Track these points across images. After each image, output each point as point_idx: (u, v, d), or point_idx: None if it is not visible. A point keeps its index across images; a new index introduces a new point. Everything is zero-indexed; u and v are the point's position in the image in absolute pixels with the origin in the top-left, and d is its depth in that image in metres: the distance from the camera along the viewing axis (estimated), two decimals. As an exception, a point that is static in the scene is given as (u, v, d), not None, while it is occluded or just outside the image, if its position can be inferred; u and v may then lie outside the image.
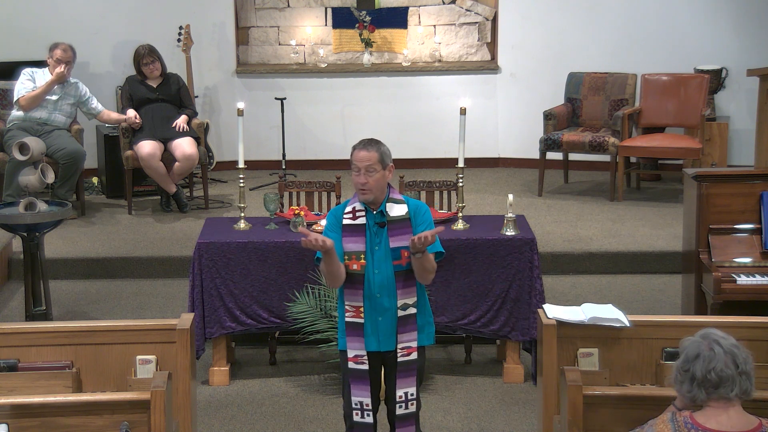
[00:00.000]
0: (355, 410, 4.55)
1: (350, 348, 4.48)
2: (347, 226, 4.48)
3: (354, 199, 4.57)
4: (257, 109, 9.32)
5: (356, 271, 4.43)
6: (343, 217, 4.51)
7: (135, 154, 8.17)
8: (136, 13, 9.30)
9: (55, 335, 4.42)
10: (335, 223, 4.51)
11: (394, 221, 4.48)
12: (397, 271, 4.45)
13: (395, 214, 4.48)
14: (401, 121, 9.62)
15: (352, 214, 4.51)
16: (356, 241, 4.45)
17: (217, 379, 5.93)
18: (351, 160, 4.51)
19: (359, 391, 4.51)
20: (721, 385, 3.39)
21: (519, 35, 9.53)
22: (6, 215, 6.19)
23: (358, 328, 4.46)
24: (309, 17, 9.83)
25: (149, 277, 7.32)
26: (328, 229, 4.54)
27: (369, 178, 4.45)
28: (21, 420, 3.89)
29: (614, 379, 4.45)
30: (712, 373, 3.39)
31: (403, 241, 4.43)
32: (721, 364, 3.39)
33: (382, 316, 4.46)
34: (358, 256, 4.44)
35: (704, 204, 5.77)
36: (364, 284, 4.44)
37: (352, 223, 4.48)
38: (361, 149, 4.50)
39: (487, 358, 6.24)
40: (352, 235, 4.47)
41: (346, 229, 4.48)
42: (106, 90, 8.97)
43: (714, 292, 5.57)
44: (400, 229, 4.47)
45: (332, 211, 4.61)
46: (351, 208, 4.53)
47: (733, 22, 9.23)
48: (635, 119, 8.82)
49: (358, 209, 4.51)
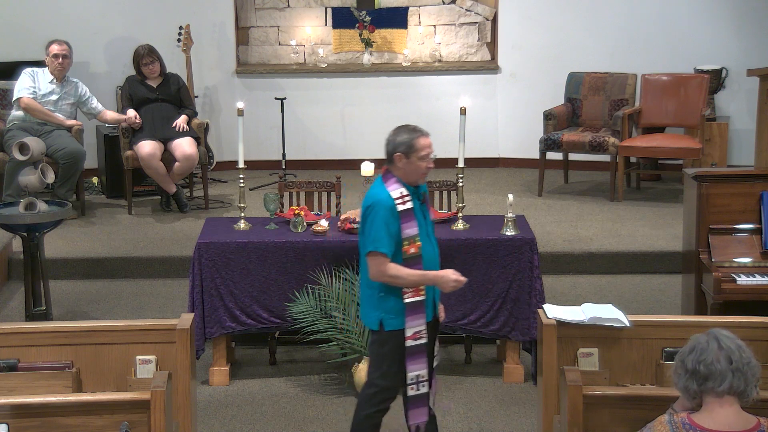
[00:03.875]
0: (410, 385, 4.63)
1: (410, 327, 4.58)
2: (402, 212, 4.57)
3: (393, 185, 4.61)
4: (257, 109, 9.32)
5: (414, 254, 4.56)
6: (395, 204, 4.57)
7: (135, 154, 8.17)
8: (136, 12, 9.30)
9: (55, 335, 4.43)
10: (389, 214, 4.55)
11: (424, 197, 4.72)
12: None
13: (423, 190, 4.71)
14: (401, 121, 9.46)
15: (401, 199, 4.58)
16: (411, 225, 4.57)
17: (217, 379, 5.93)
18: (416, 147, 4.61)
19: (417, 365, 4.62)
20: (710, 378, 3.41)
21: (519, 35, 9.53)
22: (6, 215, 6.18)
23: (419, 305, 4.58)
24: (309, 17, 9.83)
25: (149, 277, 7.32)
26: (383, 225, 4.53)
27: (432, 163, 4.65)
28: (21, 420, 3.89)
29: (614, 379, 4.45)
30: (701, 365, 3.42)
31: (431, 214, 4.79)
32: (712, 358, 3.41)
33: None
34: (415, 240, 4.57)
35: (704, 204, 5.78)
36: (424, 264, 4.58)
37: (404, 208, 4.58)
38: (426, 136, 4.67)
39: (487, 358, 6.24)
40: (407, 220, 4.57)
41: (402, 216, 4.57)
42: (106, 90, 8.97)
43: (714, 292, 5.57)
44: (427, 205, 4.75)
45: (381, 202, 4.57)
46: (399, 194, 4.59)
47: (733, 22, 9.23)
48: (635, 119, 8.82)
49: (405, 194, 4.60)
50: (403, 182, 4.61)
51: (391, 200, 4.55)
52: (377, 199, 4.57)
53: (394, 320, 4.60)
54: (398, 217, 4.54)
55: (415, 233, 4.56)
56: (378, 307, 4.62)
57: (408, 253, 4.56)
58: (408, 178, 4.62)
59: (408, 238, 4.56)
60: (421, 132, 4.66)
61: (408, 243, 4.56)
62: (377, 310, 4.62)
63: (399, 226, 4.54)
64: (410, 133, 4.64)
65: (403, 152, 4.60)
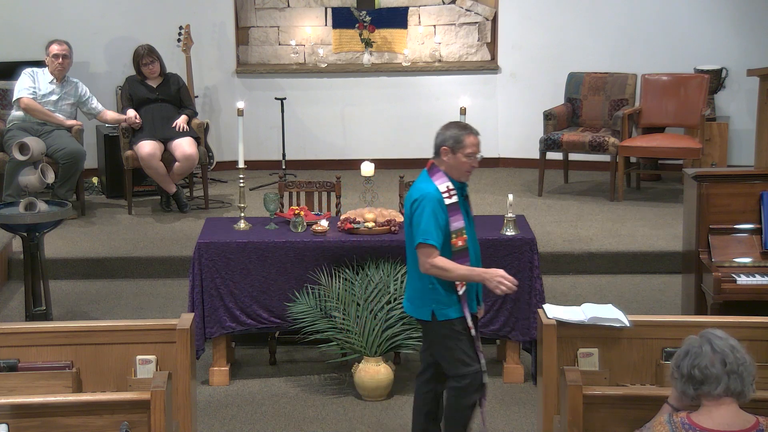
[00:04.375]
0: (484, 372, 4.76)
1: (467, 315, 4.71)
2: (449, 205, 4.66)
3: (440, 179, 4.68)
4: (257, 109, 9.32)
5: (461, 247, 4.65)
6: (443, 197, 4.65)
7: (135, 154, 8.17)
8: (136, 13, 9.29)
9: (55, 335, 4.43)
10: (438, 207, 4.63)
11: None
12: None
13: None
14: (401, 121, 9.62)
15: (447, 193, 4.66)
16: (459, 218, 4.66)
17: (217, 379, 5.93)
18: (463, 143, 4.65)
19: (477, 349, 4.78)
20: (705, 383, 3.42)
21: (519, 35, 9.53)
22: (6, 215, 6.18)
23: (464, 297, 4.69)
24: (309, 17, 9.82)
25: (149, 277, 7.31)
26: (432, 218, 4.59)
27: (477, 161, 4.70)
28: (21, 420, 3.89)
29: (614, 379, 4.45)
30: (695, 370, 3.43)
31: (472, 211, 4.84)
32: (706, 362, 3.42)
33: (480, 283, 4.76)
34: (461, 232, 4.66)
35: (704, 204, 5.77)
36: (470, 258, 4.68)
37: (451, 202, 4.66)
38: (475, 135, 4.69)
39: (487, 358, 6.21)
40: (454, 213, 4.66)
41: (449, 209, 4.66)
42: (106, 90, 8.97)
43: (714, 292, 5.57)
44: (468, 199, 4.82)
45: (430, 194, 4.64)
46: (445, 188, 4.68)
47: (733, 22, 9.23)
48: (635, 119, 8.82)
49: (451, 188, 4.68)
50: (449, 176, 4.67)
51: (439, 193, 4.64)
52: (425, 192, 4.64)
53: (446, 311, 4.69)
54: (446, 209, 4.62)
55: (462, 226, 4.65)
56: (429, 299, 4.71)
57: (456, 246, 4.65)
58: (452, 173, 4.68)
59: (456, 231, 4.65)
60: (470, 130, 4.68)
61: (456, 236, 4.65)
62: (429, 301, 4.70)
63: (447, 218, 4.62)
64: (459, 130, 4.67)
65: (450, 147, 4.65)
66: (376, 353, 5.70)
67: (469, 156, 4.64)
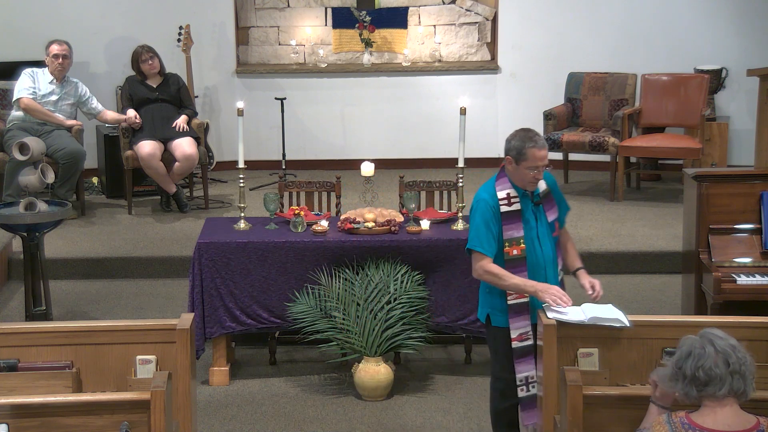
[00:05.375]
0: (520, 386, 4.68)
1: (514, 328, 4.64)
2: (505, 214, 4.60)
3: (503, 184, 4.65)
4: (257, 109, 9.32)
5: (517, 256, 4.60)
6: (499, 205, 4.60)
7: (135, 154, 8.17)
8: (136, 13, 9.29)
9: (55, 335, 4.42)
10: (491, 215, 4.60)
11: (544, 196, 4.70)
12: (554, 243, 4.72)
13: (542, 190, 4.70)
14: (401, 121, 9.62)
15: (507, 200, 4.61)
16: (515, 227, 4.61)
17: (217, 379, 5.93)
18: (521, 155, 4.58)
19: (525, 366, 4.67)
20: (710, 384, 3.41)
21: (519, 35, 9.53)
22: (6, 215, 6.18)
23: (523, 307, 4.62)
24: (309, 17, 9.82)
25: (149, 277, 7.31)
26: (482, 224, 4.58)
27: (542, 173, 4.61)
28: (21, 420, 3.89)
29: (614, 379, 4.44)
30: (700, 372, 3.42)
31: (553, 214, 4.69)
32: (710, 363, 3.41)
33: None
34: (518, 242, 4.60)
35: (704, 204, 5.77)
36: (528, 266, 4.61)
37: (509, 210, 4.61)
38: (540, 148, 4.60)
39: (487, 358, 6.22)
40: (510, 222, 4.60)
41: (504, 217, 4.60)
42: (106, 90, 8.97)
43: (714, 292, 5.57)
44: (549, 203, 4.71)
45: (484, 201, 4.63)
46: (505, 194, 4.63)
47: (733, 22, 9.23)
48: (635, 119, 8.82)
49: (513, 195, 4.62)
50: (513, 183, 4.64)
51: (495, 200, 4.60)
52: (481, 197, 4.63)
53: (499, 317, 4.69)
54: (500, 218, 4.59)
55: (518, 235, 4.59)
56: (485, 303, 4.73)
57: (510, 254, 4.61)
58: (516, 181, 4.64)
59: (510, 240, 4.60)
60: (535, 143, 4.60)
61: (510, 245, 4.60)
62: (485, 304, 4.72)
63: (500, 227, 4.58)
64: (524, 141, 4.61)
65: (513, 157, 4.62)
66: (376, 353, 5.70)
67: (531, 168, 4.58)
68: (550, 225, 4.71)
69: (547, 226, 4.70)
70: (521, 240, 4.61)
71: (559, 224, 4.79)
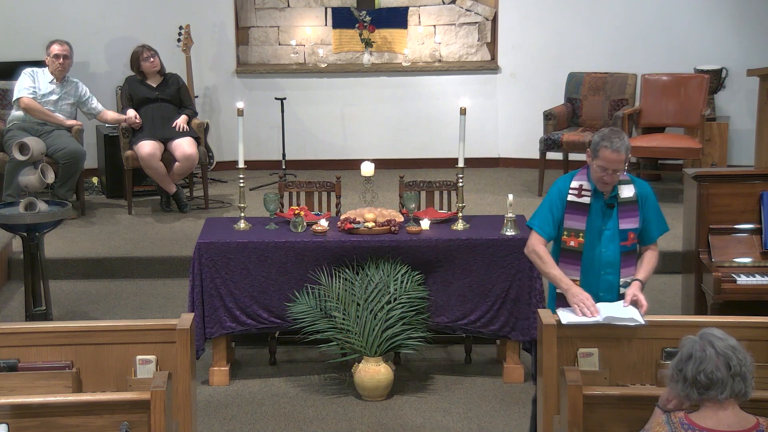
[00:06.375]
0: None
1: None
2: (571, 203, 4.62)
3: (582, 176, 4.66)
4: (257, 109, 9.32)
5: (573, 248, 4.62)
6: (568, 193, 4.61)
7: (135, 154, 8.17)
8: (136, 13, 9.29)
9: (55, 335, 4.42)
10: (557, 199, 4.62)
11: (623, 203, 4.65)
12: (623, 252, 4.65)
13: (624, 196, 4.66)
14: (401, 121, 9.62)
15: (578, 191, 4.63)
16: (578, 219, 4.62)
17: (217, 379, 5.93)
18: (596, 152, 4.56)
19: None
20: (712, 387, 3.40)
21: (519, 35, 9.53)
22: (6, 215, 6.18)
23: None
24: (309, 17, 9.82)
25: (149, 277, 7.32)
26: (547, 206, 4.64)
27: (614, 177, 4.57)
28: (21, 420, 3.89)
29: (614, 379, 4.45)
30: (701, 375, 3.40)
31: (631, 224, 4.64)
32: (712, 366, 3.40)
33: (607, 292, 4.65)
34: (577, 234, 4.62)
35: (704, 204, 5.77)
36: (582, 261, 4.62)
37: (576, 200, 4.62)
38: (612, 150, 4.52)
39: (487, 358, 6.24)
40: (574, 212, 4.62)
41: (569, 206, 4.62)
42: (106, 90, 8.97)
43: (714, 292, 5.57)
44: (628, 211, 4.66)
45: (557, 186, 4.68)
46: (578, 185, 4.64)
47: (733, 22, 9.23)
48: (635, 119, 8.82)
49: (585, 188, 4.63)
50: (589, 178, 4.64)
51: (567, 186, 4.63)
52: (557, 181, 4.68)
53: (551, 303, 4.75)
54: (565, 204, 4.61)
55: (578, 228, 4.61)
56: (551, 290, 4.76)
57: (567, 244, 4.65)
58: (592, 177, 4.64)
59: (569, 230, 4.63)
60: (610, 143, 4.52)
61: (568, 234, 4.63)
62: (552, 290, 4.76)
63: (562, 213, 4.61)
64: (602, 139, 4.56)
65: (591, 151, 4.61)
66: (376, 353, 5.70)
67: (602, 168, 4.55)
68: (621, 232, 4.67)
69: (616, 232, 4.67)
70: (580, 233, 4.62)
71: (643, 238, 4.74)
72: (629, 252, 4.72)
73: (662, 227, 4.82)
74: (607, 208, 4.65)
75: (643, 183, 4.78)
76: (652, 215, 4.76)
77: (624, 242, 4.68)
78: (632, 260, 4.74)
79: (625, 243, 4.69)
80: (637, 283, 4.69)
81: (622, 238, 4.67)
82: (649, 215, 4.75)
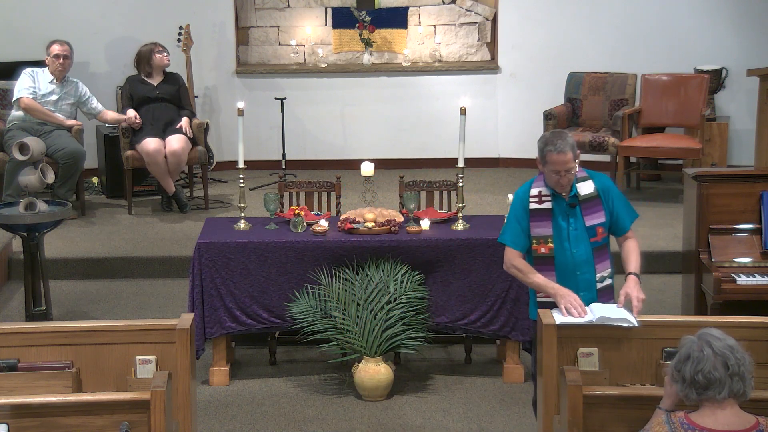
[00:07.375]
0: None
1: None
2: (534, 211, 4.62)
3: (539, 182, 4.67)
4: (257, 109, 9.32)
5: (545, 254, 4.62)
6: (529, 201, 4.61)
7: (136, 153, 8.17)
8: (136, 12, 9.30)
9: (55, 335, 4.42)
10: (520, 209, 4.65)
11: (585, 200, 4.65)
12: (594, 248, 4.66)
13: (585, 193, 4.65)
14: (401, 121, 9.62)
15: (538, 198, 4.63)
16: (543, 225, 4.62)
17: (217, 379, 5.93)
18: (545, 159, 4.58)
19: None
20: (710, 387, 3.40)
21: (519, 35, 9.53)
22: (6, 215, 6.18)
23: (551, 306, 4.59)
24: (309, 17, 9.83)
25: (149, 277, 7.32)
26: (513, 218, 4.65)
27: (568, 176, 4.57)
28: (21, 420, 3.89)
29: (614, 379, 4.45)
30: (699, 375, 3.41)
31: (597, 219, 4.64)
32: (709, 367, 3.40)
33: (587, 291, 4.65)
34: (546, 240, 4.62)
35: (704, 204, 5.77)
36: (556, 265, 4.62)
37: (538, 207, 4.62)
38: (557, 153, 4.54)
39: (487, 358, 6.24)
40: (539, 219, 4.62)
41: (533, 214, 4.62)
42: (106, 90, 8.97)
43: (714, 292, 5.57)
44: (592, 207, 4.66)
45: (517, 196, 4.70)
46: (537, 192, 4.65)
47: (733, 22, 9.23)
48: (635, 119, 8.82)
49: (545, 194, 4.64)
50: (546, 183, 4.65)
51: (526, 195, 4.63)
52: (517, 192, 4.69)
53: (533, 310, 4.74)
54: (528, 214, 4.62)
55: (545, 234, 4.61)
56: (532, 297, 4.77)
57: (538, 252, 4.64)
58: (547, 181, 4.64)
59: (538, 237, 4.63)
60: (554, 146, 4.53)
61: (537, 242, 4.63)
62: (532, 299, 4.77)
63: (528, 223, 4.62)
64: (545, 144, 4.57)
65: (539, 158, 4.63)
66: (376, 353, 5.70)
67: (554, 172, 4.56)
68: (588, 229, 4.67)
69: (584, 230, 4.67)
70: (549, 239, 4.62)
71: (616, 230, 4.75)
72: (600, 247, 4.71)
73: (632, 214, 4.82)
74: (569, 209, 4.65)
75: (601, 176, 4.77)
76: (618, 205, 4.75)
77: (593, 238, 4.68)
78: (605, 254, 4.74)
79: (595, 239, 4.68)
80: (633, 277, 4.67)
81: (590, 235, 4.67)
82: (616, 206, 4.74)
